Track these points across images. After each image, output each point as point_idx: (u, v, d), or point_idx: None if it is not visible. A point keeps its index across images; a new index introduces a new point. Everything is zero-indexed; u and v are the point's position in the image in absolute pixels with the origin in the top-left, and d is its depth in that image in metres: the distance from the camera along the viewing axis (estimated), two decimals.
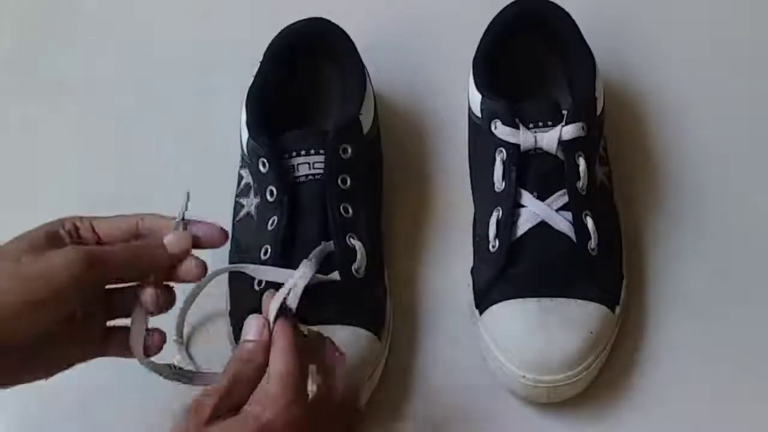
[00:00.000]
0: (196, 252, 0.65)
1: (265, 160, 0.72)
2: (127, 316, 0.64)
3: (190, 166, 0.83)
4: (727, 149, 0.81)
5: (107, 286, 0.64)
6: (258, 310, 0.63)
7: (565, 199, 0.72)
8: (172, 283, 0.65)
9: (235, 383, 0.60)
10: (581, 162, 0.72)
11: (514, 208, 0.72)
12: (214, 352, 0.73)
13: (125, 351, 0.65)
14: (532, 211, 0.72)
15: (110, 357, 0.65)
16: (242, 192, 0.76)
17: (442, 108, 0.84)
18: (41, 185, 0.85)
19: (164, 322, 0.65)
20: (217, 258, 0.76)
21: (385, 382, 0.73)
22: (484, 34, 0.78)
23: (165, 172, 0.83)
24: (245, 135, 0.74)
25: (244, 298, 0.72)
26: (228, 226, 0.76)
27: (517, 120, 0.72)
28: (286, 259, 0.71)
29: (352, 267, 0.71)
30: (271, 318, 0.62)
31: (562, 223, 0.72)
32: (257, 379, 0.61)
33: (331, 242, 0.71)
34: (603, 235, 0.72)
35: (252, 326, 0.62)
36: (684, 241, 0.78)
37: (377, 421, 0.71)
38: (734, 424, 0.71)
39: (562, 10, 0.78)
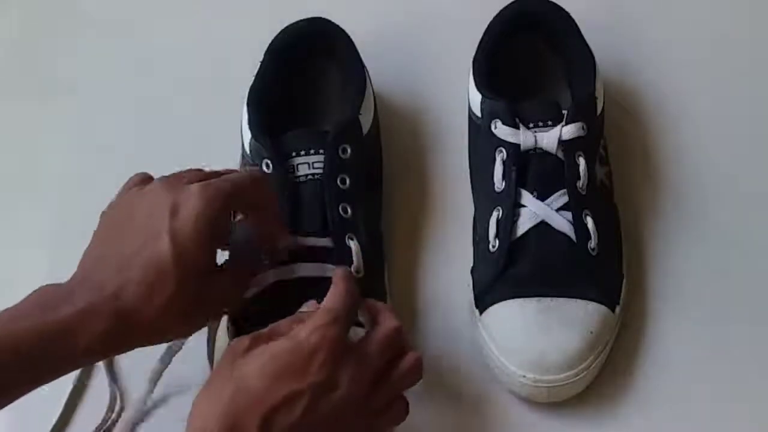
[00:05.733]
0: None
1: (269, 161, 0.72)
2: None
3: (190, 165, 0.83)
4: (727, 149, 0.81)
5: None
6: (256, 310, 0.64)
7: (565, 198, 0.72)
8: None
9: (273, 330, 0.62)
10: (581, 162, 0.72)
11: (514, 208, 0.72)
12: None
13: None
14: (532, 210, 0.72)
15: None
16: None
17: (442, 108, 0.84)
18: (41, 185, 0.85)
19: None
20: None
21: None
22: (484, 34, 0.78)
23: (165, 172, 0.83)
24: (247, 135, 0.74)
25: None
26: None
27: (517, 120, 0.72)
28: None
29: (351, 267, 0.71)
30: None
31: (562, 222, 0.72)
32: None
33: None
34: (603, 235, 0.72)
35: (309, 305, 0.65)
36: (684, 240, 0.77)
37: None
38: (734, 424, 0.71)
39: (562, 10, 0.78)
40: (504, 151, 0.73)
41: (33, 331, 0.59)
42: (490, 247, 0.72)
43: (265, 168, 0.72)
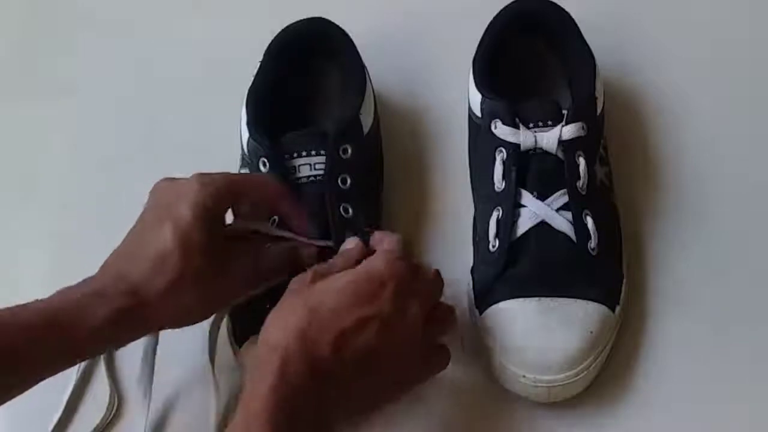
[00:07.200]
0: None
1: (266, 160, 0.72)
2: None
3: (190, 165, 0.83)
4: (727, 149, 0.81)
5: None
6: (256, 310, 0.64)
7: (565, 198, 0.72)
8: None
9: (331, 266, 0.66)
10: (581, 162, 0.72)
11: (514, 208, 0.72)
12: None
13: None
14: (532, 210, 0.72)
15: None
16: None
17: (442, 108, 0.84)
18: (41, 185, 0.85)
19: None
20: None
21: None
22: (484, 34, 0.78)
23: (165, 172, 0.83)
24: (245, 135, 0.74)
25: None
26: None
27: (517, 120, 0.72)
28: None
29: None
30: None
31: (562, 222, 0.72)
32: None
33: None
34: (603, 235, 0.72)
35: (351, 242, 0.70)
36: (684, 240, 0.77)
37: (377, 420, 0.71)
38: (734, 424, 0.71)
39: (562, 10, 0.78)
40: (504, 151, 0.73)
41: (43, 311, 0.62)
42: (490, 247, 0.72)
43: (261, 167, 0.72)
